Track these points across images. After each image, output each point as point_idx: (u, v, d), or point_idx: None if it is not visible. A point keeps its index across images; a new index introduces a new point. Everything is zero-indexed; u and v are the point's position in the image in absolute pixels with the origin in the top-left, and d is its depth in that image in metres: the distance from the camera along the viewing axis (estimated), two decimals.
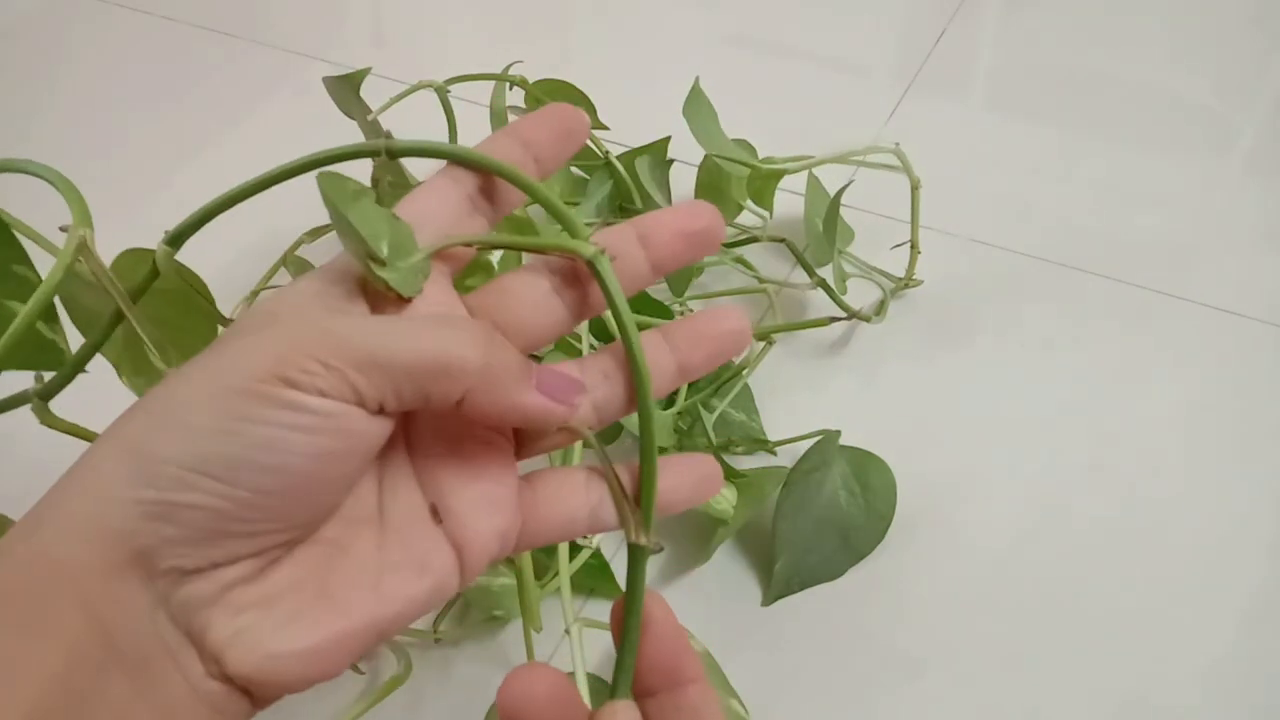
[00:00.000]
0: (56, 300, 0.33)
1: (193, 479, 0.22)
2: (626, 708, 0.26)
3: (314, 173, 0.26)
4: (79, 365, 0.33)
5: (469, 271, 0.29)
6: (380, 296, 0.26)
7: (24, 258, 0.33)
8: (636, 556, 0.27)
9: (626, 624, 0.27)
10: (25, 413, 0.34)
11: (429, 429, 0.26)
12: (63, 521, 0.22)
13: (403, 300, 0.26)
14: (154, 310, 0.36)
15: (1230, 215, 0.65)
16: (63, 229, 0.30)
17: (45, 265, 0.30)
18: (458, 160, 0.27)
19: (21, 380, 0.33)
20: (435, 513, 0.25)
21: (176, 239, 0.30)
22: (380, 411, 0.24)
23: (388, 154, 0.27)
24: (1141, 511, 0.50)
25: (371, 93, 0.50)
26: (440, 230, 0.27)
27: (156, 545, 0.22)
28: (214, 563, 0.23)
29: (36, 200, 0.34)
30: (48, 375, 0.34)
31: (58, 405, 0.33)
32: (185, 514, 0.22)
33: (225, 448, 0.22)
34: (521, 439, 0.28)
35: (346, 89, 0.51)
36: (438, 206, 0.27)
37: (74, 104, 0.76)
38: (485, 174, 0.27)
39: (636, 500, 0.27)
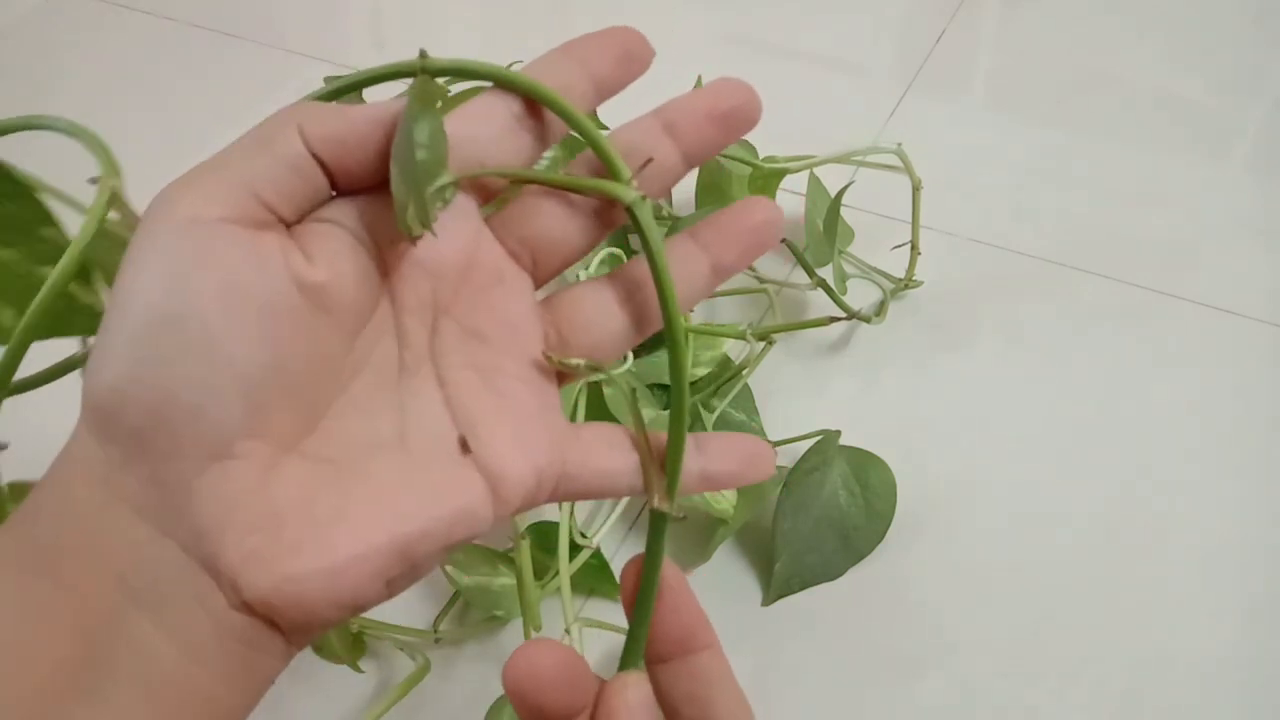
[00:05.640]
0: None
1: (127, 365, 0.21)
2: (638, 680, 0.25)
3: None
4: None
5: (499, 203, 0.27)
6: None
7: (51, 219, 0.32)
8: (657, 523, 0.25)
9: (642, 591, 0.26)
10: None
11: (460, 358, 0.25)
12: (52, 481, 0.22)
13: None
14: None
15: (1230, 215, 0.65)
16: (91, 181, 0.29)
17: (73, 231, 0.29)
18: (501, 83, 0.25)
19: (60, 348, 0.32)
20: (464, 444, 0.24)
21: None
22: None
23: (425, 73, 0.25)
24: (1141, 512, 0.50)
25: (372, 92, 0.50)
26: (479, 151, 0.25)
27: (117, 462, 0.22)
28: (177, 445, 0.21)
29: (54, 165, 0.33)
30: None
31: None
32: (123, 400, 0.21)
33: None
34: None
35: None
36: (480, 126, 0.25)
37: (74, 104, 0.76)
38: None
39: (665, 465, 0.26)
